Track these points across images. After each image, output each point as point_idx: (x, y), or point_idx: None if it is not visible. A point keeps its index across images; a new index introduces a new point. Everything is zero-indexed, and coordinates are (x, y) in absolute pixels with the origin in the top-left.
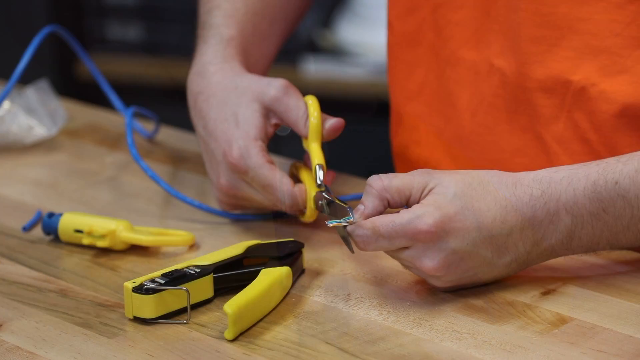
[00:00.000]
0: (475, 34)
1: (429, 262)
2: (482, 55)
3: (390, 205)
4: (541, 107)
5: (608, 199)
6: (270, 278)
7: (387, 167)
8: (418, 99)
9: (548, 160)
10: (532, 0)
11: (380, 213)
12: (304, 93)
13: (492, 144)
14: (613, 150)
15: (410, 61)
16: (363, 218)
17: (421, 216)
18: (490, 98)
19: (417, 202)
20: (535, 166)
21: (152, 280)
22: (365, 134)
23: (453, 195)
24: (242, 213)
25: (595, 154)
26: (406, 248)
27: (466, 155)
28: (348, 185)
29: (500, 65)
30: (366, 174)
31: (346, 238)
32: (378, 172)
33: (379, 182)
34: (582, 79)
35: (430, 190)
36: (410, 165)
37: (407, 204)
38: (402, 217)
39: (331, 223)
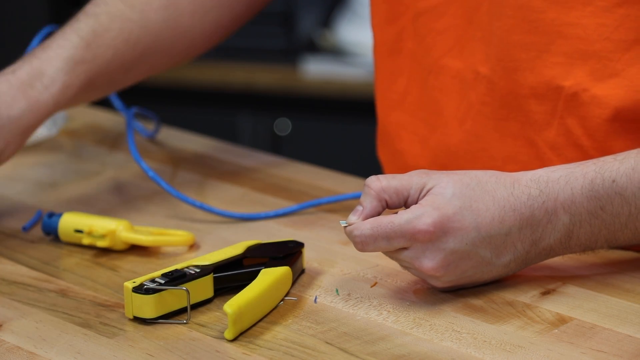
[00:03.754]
0: (458, 42)
1: (428, 263)
2: (466, 63)
3: (388, 206)
4: (533, 113)
5: (605, 197)
6: (270, 278)
7: None
8: (400, 108)
9: (542, 166)
10: (520, 6)
11: (379, 214)
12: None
13: (482, 152)
14: (607, 155)
15: (391, 70)
16: (362, 219)
17: (420, 216)
18: (478, 106)
19: (416, 203)
20: None
21: (152, 280)
22: (364, 134)
23: (451, 195)
24: (245, 213)
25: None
26: (405, 249)
27: (455, 165)
28: (347, 185)
29: (486, 72)
30: (364, 174)
31: None
32: (376, 173)
33: (377, 183)
34: (574, 85)
35: (428, 191)
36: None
37: (406, 205)
38: (401, 217)
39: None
